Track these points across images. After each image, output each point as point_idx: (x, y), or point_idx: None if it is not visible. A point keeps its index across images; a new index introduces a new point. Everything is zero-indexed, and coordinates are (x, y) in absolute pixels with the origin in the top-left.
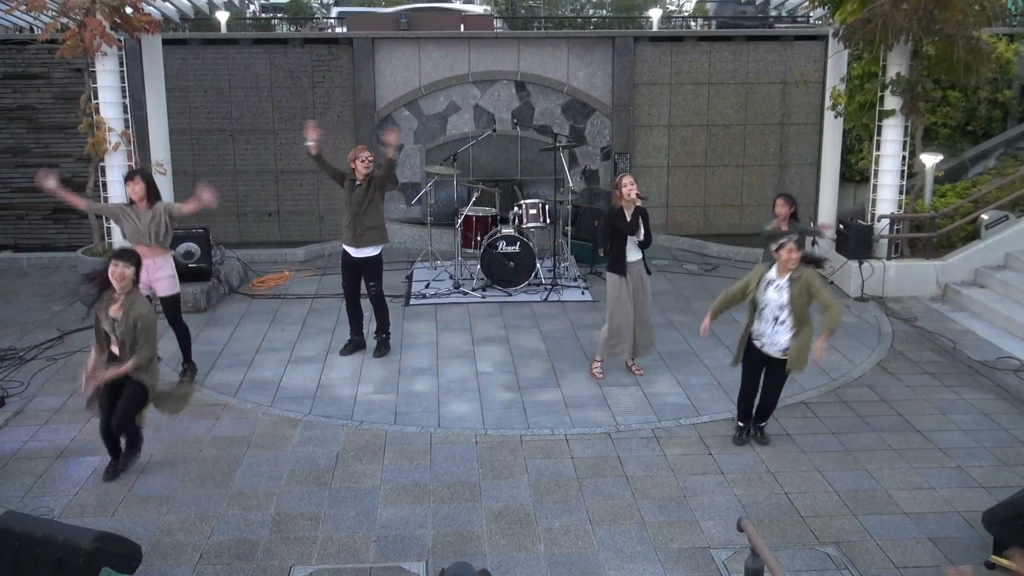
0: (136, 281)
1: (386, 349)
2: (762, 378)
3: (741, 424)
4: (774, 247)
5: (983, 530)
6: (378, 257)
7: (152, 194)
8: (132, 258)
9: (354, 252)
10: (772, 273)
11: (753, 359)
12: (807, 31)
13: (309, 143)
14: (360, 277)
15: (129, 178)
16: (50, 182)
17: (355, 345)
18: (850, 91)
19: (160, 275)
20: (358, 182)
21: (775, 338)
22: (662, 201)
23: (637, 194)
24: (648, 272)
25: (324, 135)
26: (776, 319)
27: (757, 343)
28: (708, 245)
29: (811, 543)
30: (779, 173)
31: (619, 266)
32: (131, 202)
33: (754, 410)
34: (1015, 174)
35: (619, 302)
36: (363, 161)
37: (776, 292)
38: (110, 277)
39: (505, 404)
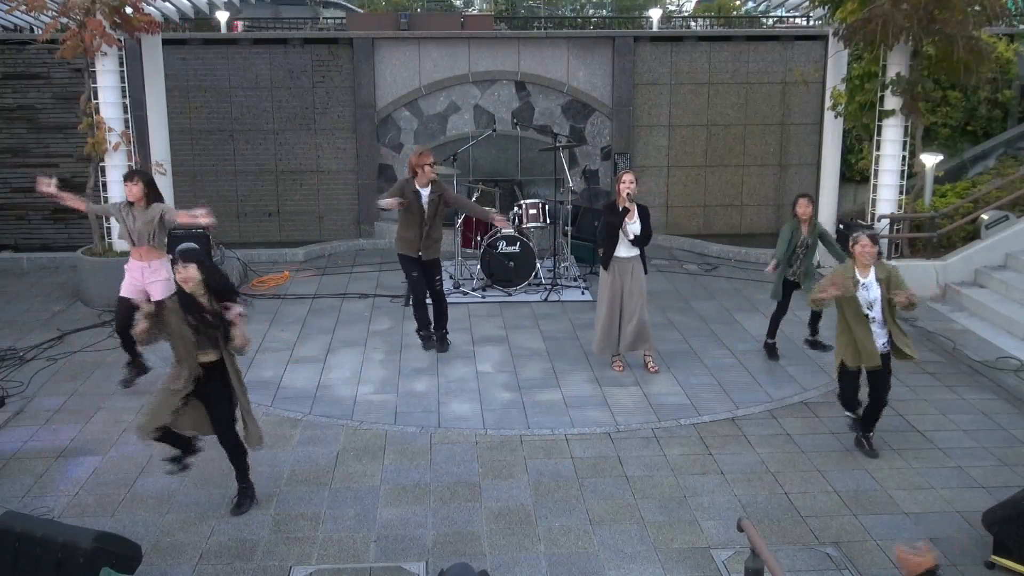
0: (202, 280)
1: (447, 345)
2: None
3: (852, 415)
4: (850, 243)
5: (983, 530)
6: (439, 258)
7: (152, 195)
8: (192, 256)
9: (422, 257)
10: (850, 271)
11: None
12: (807, 31)
13: (389, 205)
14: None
15: (128, 178)
16: (50, 187)
17: (428, 323)
18: (850, 91)
19: (155, 278)
20: (426, 192)
21: (877, 333)
22: (662, 201)
23: (628, 194)
24: (644, 271)
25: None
26: (868, 317)
27: None
28: (708, 245)
29: (811, 543)
30: (779, 173)
31: (606, 261)
32: (130, 203)
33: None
34: (1015, 174)
35: (604, 298)
36: (431, 167)
37: (864, 291)
38: (179, 282)
39: (505, 404)
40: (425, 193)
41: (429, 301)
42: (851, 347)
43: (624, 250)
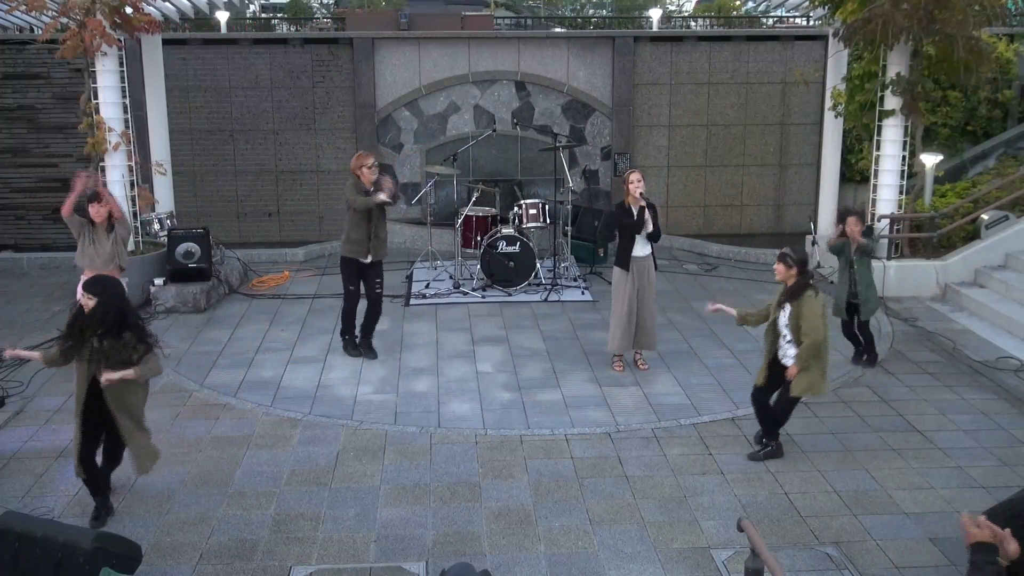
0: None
1: (374, 353)
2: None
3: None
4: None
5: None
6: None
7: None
8: (96, 290)
9: (365, 260)
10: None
11: (774, 369)
12: (807, 31)
13: (383, 197)
14: (362, 280)
15: (95, 200)
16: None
17: (355, 343)
18: (850, 91)
19: None
20: (371, 192)
21: (788, 353)
22: (662, 201)
23: (640, 193)
24: (655, 267)
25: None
26: (783, 336)
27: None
28: (708, 245)
29: (811, 543)
30: (779, 173)
31: (623, 260)
32: (92, 222)
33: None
34: (1015, 174)
35: (620, 296)
36: (370, 168)
37: (783, 313)
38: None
39: (505, 404)
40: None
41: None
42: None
43: (640, 249)
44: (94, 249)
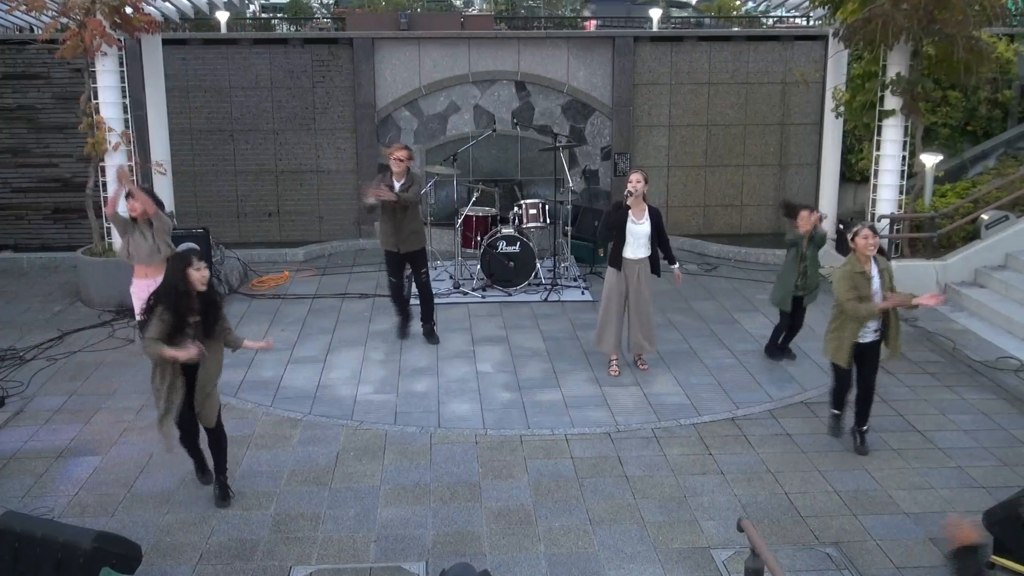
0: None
1: (436, 338)
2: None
3: (838, 412)
4: (849, 235)
5: (983, 530)
6: (423, 249)
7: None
8: (202, 256)
9: (395, 251)
10: (859, 267)
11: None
12: (807, 31)
13: (371, 200)
14: (404, 267)
15: (128, 197)
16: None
17: (407, 317)
18: (852, 91)
19: None
20: (399, 185)
21: (868, 326)
22: (662, 201)
23: (628, 192)
24: (657, 274)
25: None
26: None
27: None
28: (708, 245)
29: (811, 543)
30: (779, 173)
31: (615, 260)
32: (133, 219)
33: (854, 409)
34: (1015, 174)
35: (607, 295)
36: (399, 160)
37: (875, 279)
38: (193, 282)
39: (505, 404)
40: (398, 186)
41: (415, 303)
42: (842, 345)
43: (631, 251)
44: (135, 244)
